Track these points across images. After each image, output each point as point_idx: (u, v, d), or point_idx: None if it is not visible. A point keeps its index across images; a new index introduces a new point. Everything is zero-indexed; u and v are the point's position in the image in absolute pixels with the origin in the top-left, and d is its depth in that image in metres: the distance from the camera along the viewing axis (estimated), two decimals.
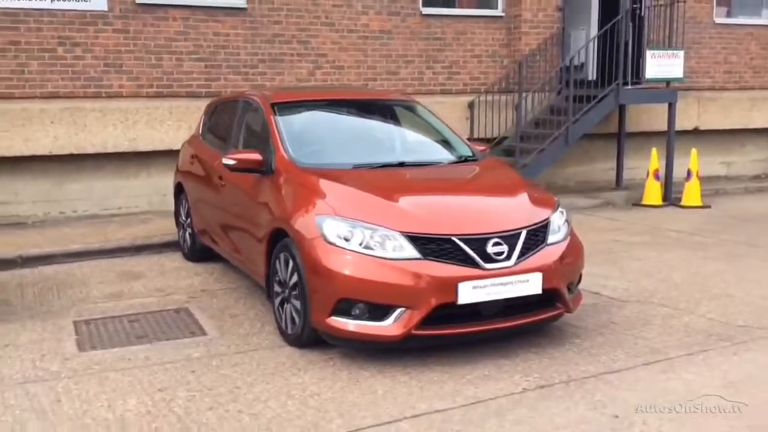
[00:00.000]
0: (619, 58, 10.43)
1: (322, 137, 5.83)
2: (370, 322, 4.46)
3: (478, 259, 4.48)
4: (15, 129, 8.61)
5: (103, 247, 7.67)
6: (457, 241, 4.48)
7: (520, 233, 4.67)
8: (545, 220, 4.90)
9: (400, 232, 4.48)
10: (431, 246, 4.47)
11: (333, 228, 4.56)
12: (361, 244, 4.48)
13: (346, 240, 4.51)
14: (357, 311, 4.47)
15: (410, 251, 4.45)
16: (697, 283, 6.49)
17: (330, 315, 4.52)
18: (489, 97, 10.81)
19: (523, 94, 10.62)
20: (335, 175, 5.12)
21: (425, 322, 4.43)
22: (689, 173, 10.66)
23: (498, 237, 4.57)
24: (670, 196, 10.84)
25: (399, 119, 6.36)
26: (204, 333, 5.27)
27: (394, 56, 10.54)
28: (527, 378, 4.42)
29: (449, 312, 4.50)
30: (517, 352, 4.82)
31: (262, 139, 5.76)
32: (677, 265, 7.15)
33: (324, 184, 4.98)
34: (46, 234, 8.25)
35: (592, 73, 11.57)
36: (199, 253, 7.14)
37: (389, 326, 4.42)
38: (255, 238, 5.43)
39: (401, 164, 5.48)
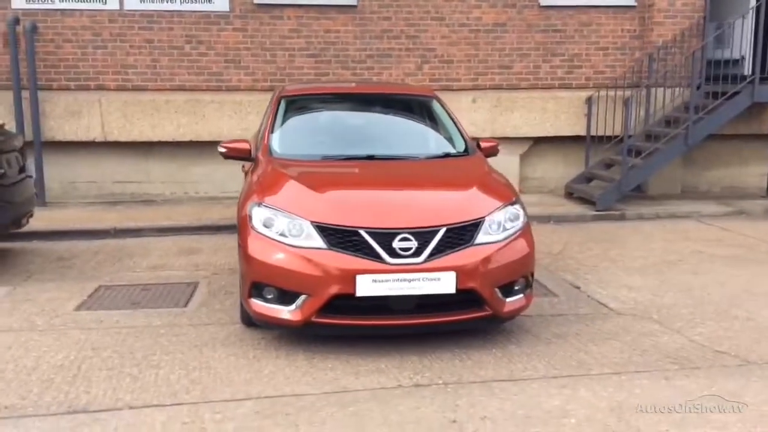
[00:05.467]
0: (757, 50, 9.34)
1: (311, 129, 6.08)
2: (278, 306, 4.67)
3: (382, 253, 4.50)
4: (145, 117, 9.80)
5: (188, 224, 8.54)
6: (364, 234, 4.54)
7: (437, 231, 4.59)
8: (477, 219, 4.74)
9: (311, 221, 4.63)
10: (338, 237, 4.57)
11: (259, 215, 4.82)
12: (278, 232, 4.70)
13: (267, 227, 4.75)
14: (269, 295, 4.70)
15: (317, 241, 4.59)
16: (732, 303, 5.81)
17: (249, 297, 4.80)
18: (612, 93, 10.21)
19: (649, 90, 9.95)
20: (292, 165, 5.36)
21: (326, 311, 4.55)
22: None
23: (408, 233, 4.54)
24: None
25: (406, 113, 6.39)
26: (185, 305, 5.79)
27: (507, 50, 10.34)
28: (415, 376, 4.38)
29: (358, 304, 4.56)
30: (435, 350, 4.76)
31: None
32: (735, 282, 6.40)
33: (273, 174, 5.25)
34: (159, 210, 9.34)
35: (748, 68, 10.43)
36: None
37: (292, 311, 4.60)
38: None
39: (370, 157, 5.56)
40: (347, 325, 4.63)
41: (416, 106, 6.42)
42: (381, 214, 4.69)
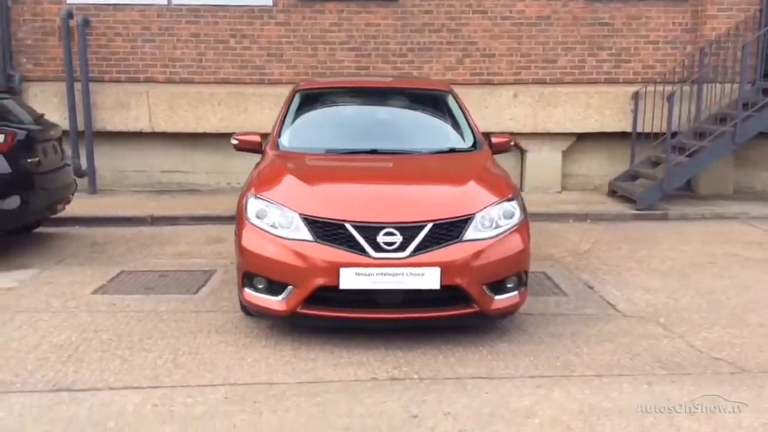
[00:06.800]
0: None
1: (320, 123, 6.13)
2: (267, 296, 4.75)
3: (367, 246, 4.52)
4: (191, 109, 10.08)
5: (221, 214, 8.72)
6: (349, 227, 4.56)
7: (423, 226, 4.57)
8: (467, 215, 4.70)
9: (300, 214, 4.69)
10: (324, 229, 4.61)
11: (253, 207, 4.91)
12: (270, 224, 4.78)
13: (259, 218, 4.84)
14: (260, 285, 4.78)
15: (305, 233, 4.64)
16: (749, 309, 5.59)
17: (243, 286, 4.90)
18: (660, 88, 9.89)
19: (700, 86, 9.61)
20: (293, 158, 5.43)
21: (314, 303, 4.61)
22: None
23: (393, 227, 4.54)
24: None
25: (418, 107, 6.36)
26: (196, 292, 5.95)
27: (551, 43, 10.15)
28: (393, 370, 4.39)
29: (346, 297, 4.60)
30: (422, 346, 4.75)
31: None
32: (761, 287, 6.15)
33: (273, 166, 5.34)
34: (198, 200, 9.60)
35: None
36: None
37: (279, 302, 4.67)
38: None
39: (373, 151, 5.58)
40: (332, 318, 4.67)
41: (430, 100, 6.39)
42: (367, 208, 4.70)
